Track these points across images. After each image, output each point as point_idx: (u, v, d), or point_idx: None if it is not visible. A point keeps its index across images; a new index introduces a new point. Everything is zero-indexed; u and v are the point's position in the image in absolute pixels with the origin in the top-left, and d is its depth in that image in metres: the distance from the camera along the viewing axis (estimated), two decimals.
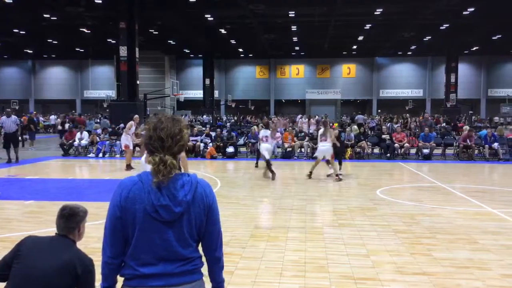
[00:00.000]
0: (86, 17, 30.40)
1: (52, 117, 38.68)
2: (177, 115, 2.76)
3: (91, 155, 18.73)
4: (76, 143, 19.20)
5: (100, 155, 18.54)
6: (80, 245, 3.19)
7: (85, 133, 19.66)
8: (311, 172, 12.62)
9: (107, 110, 37.07)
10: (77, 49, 46.85)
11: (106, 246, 2.11)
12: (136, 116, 16.03)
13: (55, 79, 55.41)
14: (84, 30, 34.59)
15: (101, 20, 31.10)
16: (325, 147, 12.27)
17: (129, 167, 14.02)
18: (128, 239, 2.07)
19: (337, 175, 12.31)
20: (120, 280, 2.16)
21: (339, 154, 13.12)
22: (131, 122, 15.18)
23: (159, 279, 2.04)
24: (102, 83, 54.09)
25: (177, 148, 2.11)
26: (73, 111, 47.58)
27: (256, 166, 14.97)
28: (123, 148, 15.44)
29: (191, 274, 2.10)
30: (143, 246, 2.04)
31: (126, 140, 14.73)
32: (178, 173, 2.09)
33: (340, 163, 13.15)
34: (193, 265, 2.11)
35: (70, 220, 2.93)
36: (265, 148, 12.69)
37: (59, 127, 26.70)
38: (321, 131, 12.81)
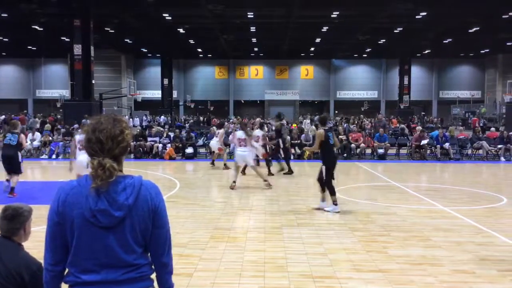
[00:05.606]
0: (38, 14, 29.35)
1: (2, 117, 37.15)
2: (118, 114, 2.64)
3: (44, 156, 18.13)
4: (27, 144, 18.49)
5: (54, 156, 17.97)
6: (33, 249, 3.09)
7: (37, 134, 19.09)
8: (234, 182, 11.01)
9: (61, 110, 35.96)
10: (29, 47, 45.18)
11: (46, 252, 2.02)
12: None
13: (6, 77, 53.16)
14: (36, 27, 33.41)
15: (55, 17, 30.08)
16: (245, 153, 10.96)
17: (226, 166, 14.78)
18: (68, 246, 1.99)
19: (265, 180, 11.16)
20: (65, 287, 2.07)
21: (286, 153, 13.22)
22: (222, 130, 15.45)
23: (102, 286, 1.96)
24: (55, 82, 52.31)
25: (118, 150, 2.01)
26: (25, 110, 45.85)
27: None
28: (217, 151, 15.26)
29: (137, 281, 2.01)
30: (83, 253, 1.95)
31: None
32: (120, 176, 2.00)
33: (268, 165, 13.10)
34: (139, 273, 2.02)
35: (14, 221, 2.80)
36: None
37: (37, 126, 25.74)
38: (239, 133, 11.27)
